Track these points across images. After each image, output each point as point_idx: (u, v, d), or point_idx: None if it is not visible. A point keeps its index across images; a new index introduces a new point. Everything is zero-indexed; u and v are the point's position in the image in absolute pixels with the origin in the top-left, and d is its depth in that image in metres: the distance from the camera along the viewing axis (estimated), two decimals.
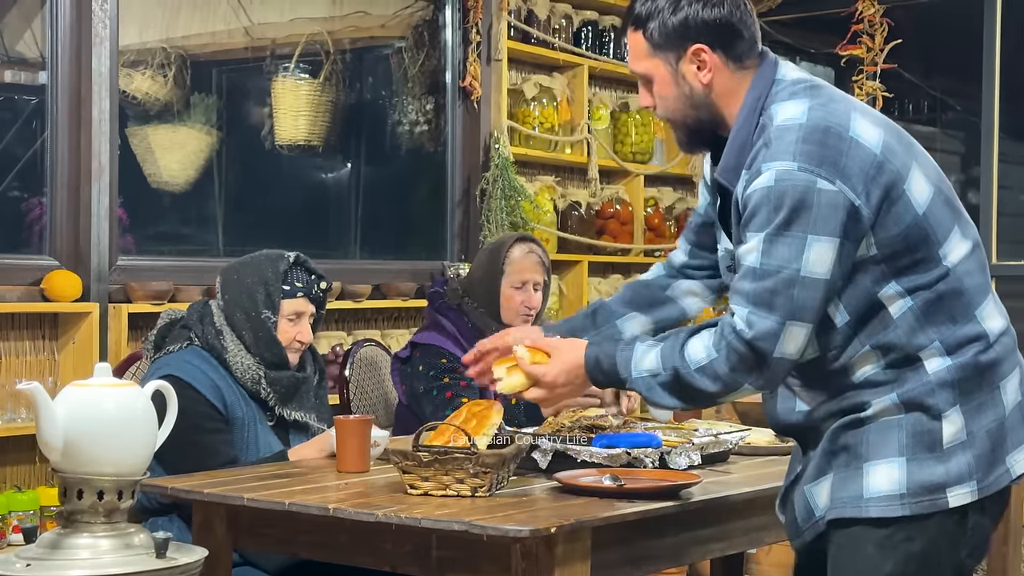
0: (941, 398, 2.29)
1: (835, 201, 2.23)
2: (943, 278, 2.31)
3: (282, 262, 3.31)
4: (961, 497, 2.29)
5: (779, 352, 2.26)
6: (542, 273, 3.82)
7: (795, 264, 2.24)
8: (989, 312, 2.36)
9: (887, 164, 2.28)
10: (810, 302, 2.25)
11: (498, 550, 2.40)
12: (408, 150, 5.65)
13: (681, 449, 2.92)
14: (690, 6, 2.37)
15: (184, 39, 4.86)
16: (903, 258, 2.29)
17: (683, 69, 2.40)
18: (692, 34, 2.37)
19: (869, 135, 2.29)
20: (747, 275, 2.28)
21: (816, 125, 2.27)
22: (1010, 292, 6.39)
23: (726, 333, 2.29)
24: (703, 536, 2.80)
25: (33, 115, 4.29)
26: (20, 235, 4.26)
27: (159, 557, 2.26)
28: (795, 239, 2.24)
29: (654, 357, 2.37)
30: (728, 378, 2.29)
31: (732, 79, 2.39)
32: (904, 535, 2.30)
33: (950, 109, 7.43)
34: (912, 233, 2.29)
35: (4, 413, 4.01)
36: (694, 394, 2.34)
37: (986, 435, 2.31)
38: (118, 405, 2.33)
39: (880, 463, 2.30)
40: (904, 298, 2.30)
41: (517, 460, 2.78)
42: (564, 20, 6.00)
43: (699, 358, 2.31)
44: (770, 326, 2.25)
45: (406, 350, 3.80)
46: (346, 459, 2.95)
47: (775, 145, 2.28)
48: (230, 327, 3.28)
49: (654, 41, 2.40)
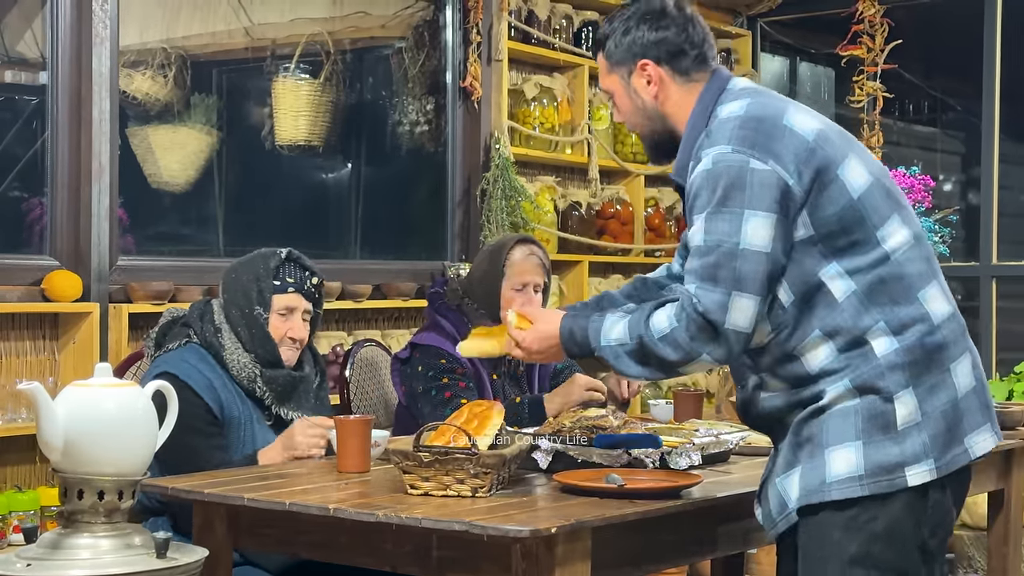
0: (892, 380, 2.41)
1: (768, 180, 2.41)
2: (883, 261, 2.45)
3: (274, 258, 3.33)
4: (920, 476, 2.40)
5: (729, 323, 2.40)
6: (542, 275, 3.82)
7: (734, 238, 2.41)
8: (933, 296, 2.48)
9: (819, 150, 2.45)
10: (752, 274, 2.40)
11: (498, 550, 2.40)
12: (408, 150, 5.66)
13: (682, 449, 2.92)
14: (637, 28, 2.64)
15: (184, 39, 4.87)
16: (839, 239, 2.44)
17: (634, 83, 2.65)
18: (639, 51, 2.63)
19: (803, 124, 2.48)
20: (694, 254, 2.45)
21: (752, 115, 2.48)
22: (1010, 292, 6.41)
23: (685, 305, 2.43)
24: (704, 536, 2.80)
25: (33, 115, 4.29)
26: (20, 235, 4.26)
27: (159, 557, 2.26)
28: (732, 214, 2.41)
29: (622, 327, 2.51)
30: (688, 347, 2.42)
31: (680, 91, 2.63)
32: (867, 516, 2.41)
33: (950, 109, 7.43)
34: (847, 215, 2.44)
35: (4, 413, 4.01)
36: (657, 362, 2.47)
37: (940, 416, 2.43)
38: (118, 405, 2.33)
39: (839, 448, 2.42)
40: (846, 280, 2.44)
41: (518, 460, 2.78)
42: (564, 20, 6.01)
43: (662, 327, 2.45)
44: (717, 298, 2.40)
45: (406, 351, 3.79)
46: (346, 459, 2.95)
47: (714, 135, 2.50)
48: (229, 325, 3.29)
49: (611, 59, 2.67)
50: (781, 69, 7.38)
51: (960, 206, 6.96)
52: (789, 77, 7.43)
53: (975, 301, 6.21)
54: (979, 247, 6.23)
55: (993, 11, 6.16)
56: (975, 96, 6.29)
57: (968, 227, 6.57)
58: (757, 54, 6.95)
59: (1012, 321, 6.53)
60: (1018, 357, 5.51)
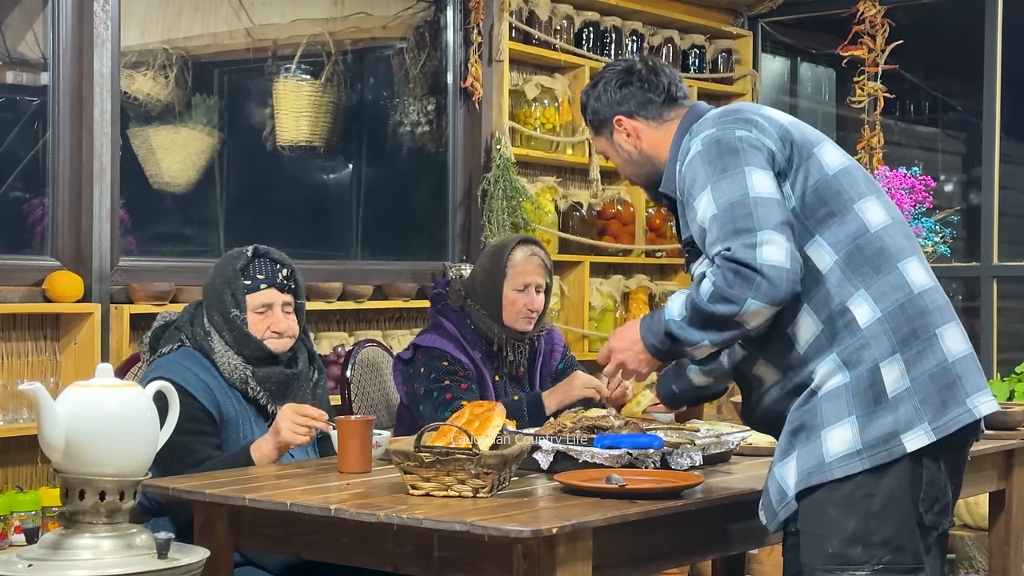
0: (877, 349, 2.47)
1: (755, 142, 2.56)
2: (863, 232, 2.53)
3: (240, 258, 3.31)
4: (916, 440, 2.45)
5: (763, 259, 2.43)
6: (544, 275, 3.82)
7: (742, 191, 2.49)
8: (913, 267, 2.55)
9: (794, 132, 2.62)
10: (771, 215, 2.46)
11: (499, 551, 2.40)
12: (409, 151, 5.66)
13: (683, 450, 2.92)
14: (605, 91, 2.84)
15: (185, 40, 4.87)
16: (818, 209, 2.55)
17: (616, 139, 2.85)
18: (609, 111, 2.84)
19: (777, 115, 2.66)
20: (712, 224, 2.51)
21: (729, 110, 2.69)
22: (1011, 292, 6.41)
23: (718, 261, 2.49)
24: (705, 536, 2.81)
25: (35, 116, 4.30)
26: (22, 236, 4.26)
27: (161, 558, 2.26)
28: (735, 175, 2.53)
29: (681, 300, 2.57)
30: (732, 295, 2.45)
31: (657, 133, 2.80)
32: (863, 491, 2.46)
33: (951, 110, 7.43)
34: (823, 187, 2.56)
35: (6, 414, 4.02)
36: (715, 321, 2.50)
37: (929, 379, 2.47)
38: (120, 405, 2.33)
39: (834, 427, 2.47)
40: (828, 251, 2.52)
41: (519, 461, 2.78)
42: (565, 21, 6.01)
43: (707, 288, 2.50)
44: (745, 241, 2.45)
45: (408, 351, 3.80)
46: (348, 460, 2.95)
47: (696, 130, 2.66)
48: (215, 329, 3.28)
49: (593, 125, 2.90)
50: (782, 69, 7.38)
51: (961, 206, 6.95)
52: (790, 77, 7.43)
53: (975, 301, 6.21)
54: (980, 247, 6.22)
55: (994, 11, 6.16)
56: (976, 96, 6.28)
57: (969, 227, 6.57)
58: (758, 55, 6.95)
59: (1013, 321, 6.53)
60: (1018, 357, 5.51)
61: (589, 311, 5.90)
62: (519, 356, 3.82)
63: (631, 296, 6.24)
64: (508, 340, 3.79)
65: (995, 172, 6.18)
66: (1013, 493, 3.69)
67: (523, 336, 3.81)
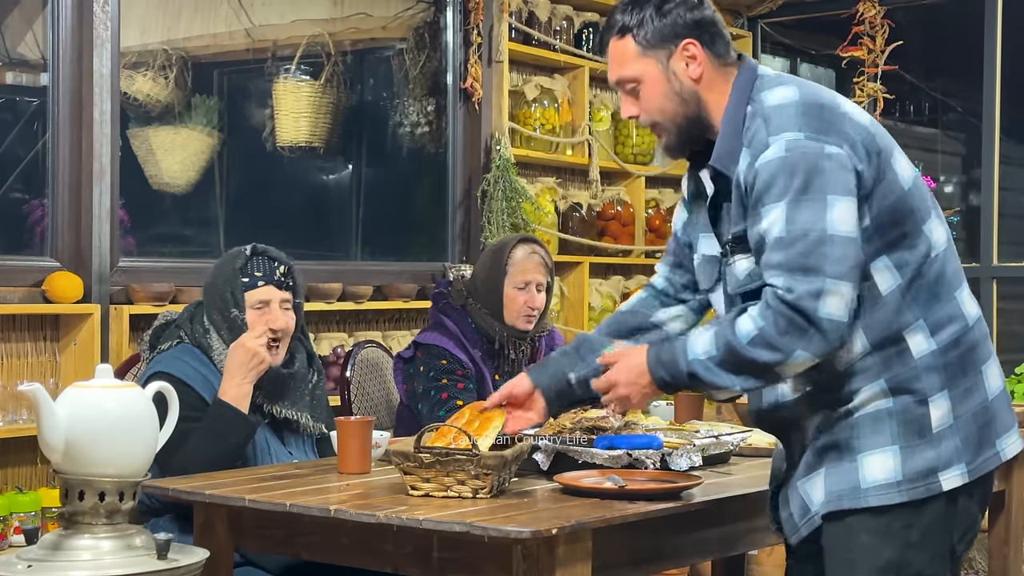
0: (928, 383, 2.38)
1: (844, 163, 2.34)
2: (928, 257, 2.41)
3: (239, 258, 3.32)
4: (953, 480, 2.38)
5: (823, 312, 2.28)
6: (545, 274, 3.83)
7: (820, 224, 2.30)
8: (967, 296, 2.47)
9: (877, 137, 2.42)
10: (844, 259, 2.30)
11: (499, 551, 2.40)
12: (409, 151, 5.66)
13: (682, 450, 2.92)
14: (676, 8, 2.52)
15: (185, 41, 4.87)
16: (892, 230, 2.40)
17: (674, 66, 2.52)
18: (682, 31, 2.51)
19: (857, 113, 2.44)
20: (776, 246, 2.33)
21: (812, 101, 2.41)
22: (1011, 294, 6.40)
23: (770, 301, 2.32)
24: (704, 537, 2.80)
25: (34, 117, 4.30)
26: (21, 236, 4.26)
27: (160, 558, 2.26)
28: (816, 202, 2.31)
29: (708, 338, 2.39)
30: (780, 344, 2.29)
31: (717, 74, 2.52)
32: (901, 522, 2.38)
33: (951, 111, 7.43)
34: (899, 206, 2.40)
35: (5, 414, 4.02)
36: (751, 367, 2.34)
37: (971, 418, 2.41)
38: (119, 406, 2.33)
39: (874, 453, 2.38)
40: (893, 273, 2.39)
41: (519, 462, 2.78)
42: (565, 22, 6.01)
43: (748, 330, 2.32)
44: (809, 287, 2.28)
45: (409, 350, 3.80)
46: (347, 460, 2.95)
47: (776, 121, 2.39)
48: (215, 327, 3.29)
49: (645, 43, 2.52)
50: (782, 70, 7.35)
51: (961, 207, 6.95)
52: None
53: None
54: (980, 248, 6.23)
55: (994, 12, 6.16)
56: (976, 97, 6.29)
57: (969, 228, 6.57)
58: (758, 55, 6.95)
59: (1013, 322, 6.53)
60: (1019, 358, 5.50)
61: (589, 312, 5.90)
62: (520, 355, 3.82)
63: (631, 297, 6.24)
64: (509, 339, 3.79)
65: (995, 173, 6.18)
66: (1013, 494, 3.69)
67: (524, 335, 3.81)
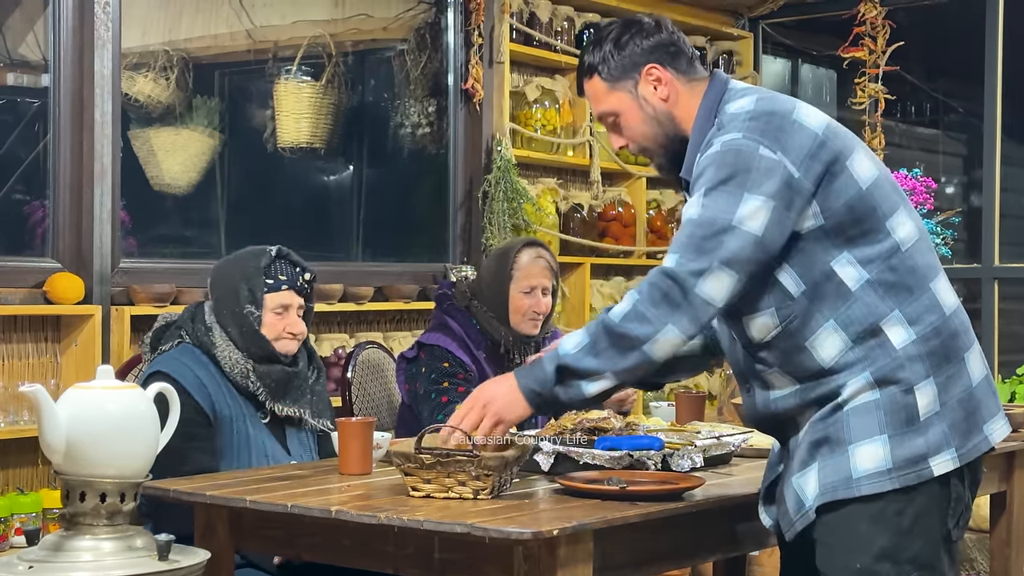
0: (912, 371, 2.44)
1: (773, 168, 2.42)
2: (895, 251, 2.47)
3: (264, 257, 3.32)
4: (943, 465, 2.44)
5: (700, 289, 2.38)
6: (550, 278, 3.83)
7: (728, 216, 2.40)
8: (943, 287, 2.52)
9: (828, 142, 2.47)
10: (740, 252, 2.39)
11: (500, 552, 2.40)
12: (410, 152, 5.66)
13: (684, 451, 2.92)
14: (632, 39, 2.63)
15: (186, 42, 4.87)
16: (850, 228, 2.45)
17: (642, 92, 2.63)
18: (640, 59, 2.62)
19: (811, 120, 2.49)
20: (685, 225, 2.45)
21: (763, 110, 2.50)
22: (1012, 294, 6.40)
23: (652, 275, 2.43)
24: (706, 538, 2.80)
25: (36, 118, 4.30)
26: (23, 237, 4.26)
27: (161, 559, 2.26)
28: (732, 194, 2.41)
29: (580, 332, 2.48)
30: (652, 316, 2.39)
31: (685, 91, 2.62)
32: (894, 508, 2.43)
33: (952, 111, 7.43)
34: (857, 205, 2.46)
35: (7, 415, 4.02)
36: (621, 343, 2.42)
37: (958, 404, 2.46)
38: (120, 407, 2.33)
39: (864, 443, 2.43)
40: (858, 269, 2.45)
41: (520, 462, 2.78)
42: (566, 22, 6.01)
43: (623, 307, 2.43)
44: (695, 266, 2.38)
45: (412, 350, 3.80)
46: (348, 461, 2.95)
47: (726, 127, 2.51)
48: (219, 324, 3.28)
49: (611, 78, 2.64)
50: (783, 71, 7.38)
51: (962, 208, 6.95)
52: (791, 79, 7.43)
53: (977, 303, 6.20)
54: (981, 249, 6.23)
55: (995, 13, 6.16)
56: (977, 98, 6.29)
57: (970, 229, 6.57)
58: (759, 56, 6.95)
59: (1014, 323, 6.53)
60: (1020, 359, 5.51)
61: (590, 313, 5.90)
62: (524, 359, 3.82)
63: None
64: (514, 342, 3.79)
65: (996, 174, 6.18)
66: (1014, 495, 3.69)
67: (529, 339, 3.81)
